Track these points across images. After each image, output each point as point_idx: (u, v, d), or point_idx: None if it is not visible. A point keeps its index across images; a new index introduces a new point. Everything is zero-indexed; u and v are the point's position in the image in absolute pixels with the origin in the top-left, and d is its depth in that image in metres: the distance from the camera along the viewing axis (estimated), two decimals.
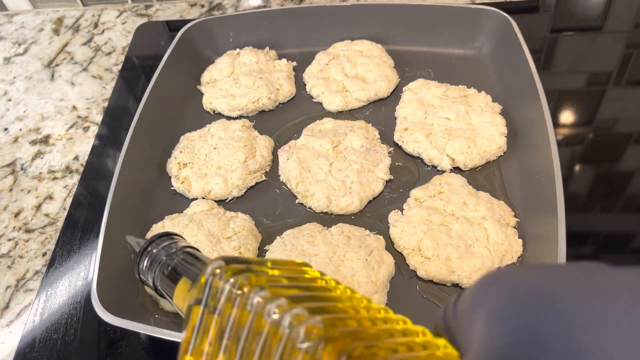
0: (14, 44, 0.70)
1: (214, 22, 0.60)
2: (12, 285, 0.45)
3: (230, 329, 0.23)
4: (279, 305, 0.21)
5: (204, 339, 0.25)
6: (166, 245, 0.31)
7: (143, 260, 0.31)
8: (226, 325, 0.23)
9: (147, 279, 0.31)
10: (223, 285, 0.24)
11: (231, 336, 0.23)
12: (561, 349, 0.13)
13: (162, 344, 0.39)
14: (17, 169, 0.55)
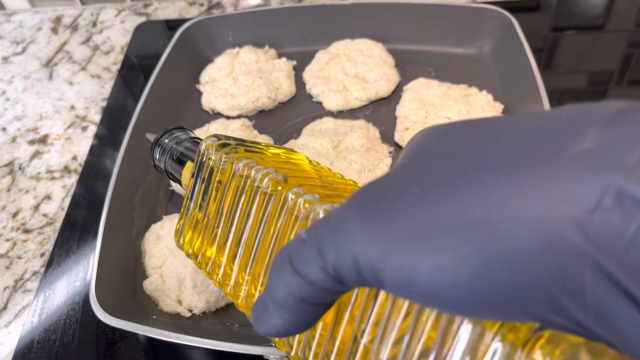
0: (12, 43, 0.69)
1: (213, 21, 0.59)
2: (10, 286, 0.45)
3: (216, 191, 0.27)
4: (252, 167, 0.26)
5: (196, 204, 0.29)
6: (176, 136, 0.36)
7: (157, 149, 0.36)
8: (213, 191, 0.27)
9: (160, 165, 0.36)
10: (214, 156, 0.28)
11: (218, 198, 0.27)
12: (460, 153, 0.15)
13: (161, 345, 0.39)
14: (15, 168, 0.54)
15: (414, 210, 0.14)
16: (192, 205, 0.29)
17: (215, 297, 0.38)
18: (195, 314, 0.39)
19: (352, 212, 0.15)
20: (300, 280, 0.16)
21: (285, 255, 0.17)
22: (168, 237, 0.42)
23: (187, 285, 0.39)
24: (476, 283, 0.13)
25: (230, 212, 0.26)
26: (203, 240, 0.28)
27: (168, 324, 0.38)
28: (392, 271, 0.14)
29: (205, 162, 0.29)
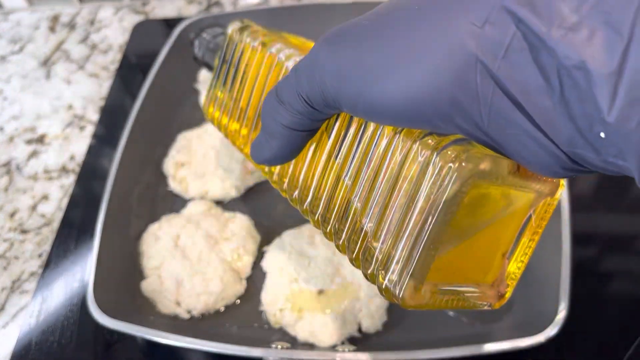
0: (9, 42, 0.69)
1: (212, 20, 0.59)
2: (7, 287, 0.44)
3: (239, 69, 0.31)
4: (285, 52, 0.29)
5: (218, 84, 0.33)
6: (211, 31, 0.41)
7: (195, 42, 0.41)
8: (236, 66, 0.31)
9: (199, 57, 0.42)
10: (239, 37, 0.32)
11: (240, 74, 0.31)
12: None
13: (159, 347, 0.38)
14: (13, 168, 0.54)
15: (365, 35, 0.17)
16: (216, 82, 0.34)
17: (214, 298, 0.38)
18: (193, 316, 0.38)
19: (319, 44, 0.19)
20: (284, 108, 0.20)
21: (273, 90, 0.21)
22: (166, 237, 0.41)
23: (185, 286, 0.38)
24: (403, 95, 0.16)
25: (251, 85, 0.30)
26: (226, 114, 0.33)
27: (166, 325, 0.38)
28: (347, 87, 0.17)
29: (229, 43, 0.33)
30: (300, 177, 0.24)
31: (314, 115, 0.20)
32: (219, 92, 0.33)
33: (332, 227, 0.22)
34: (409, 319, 0.37)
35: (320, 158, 0.23)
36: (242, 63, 0.31)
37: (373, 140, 0.20)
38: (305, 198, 0.24)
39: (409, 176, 0.18)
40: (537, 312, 0.35)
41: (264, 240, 0.43)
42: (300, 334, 0.36)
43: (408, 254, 0.18)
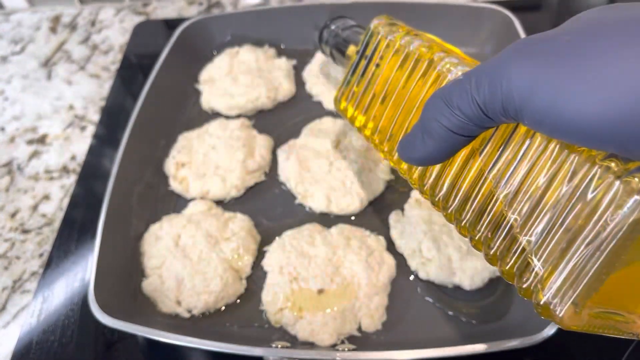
0: (10, 42, 0.69)
1: (213, 20, 0.59)
2: (8, 287, 0.44)
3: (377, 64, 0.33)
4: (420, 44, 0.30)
5: (354, 77, 0.35)
6: (341, 23, 0.43)
7: (324, 34, 0.44)
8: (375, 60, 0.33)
9: (326, 52, 0.44)
10: (383, 33, 0.33)
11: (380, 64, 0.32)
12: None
13: (160, 346, 0.38)
14: (14, 168, 0.54)
15: (565, 52, 0.17)
16: (352, 76, 0.35)
17: (215, 297, 0.38)
18: (194, 315, 0.39)
19: (507, 53, 0.19)
20: (451, 111, 0.20)
21: (439, 93, 0.21)
22: (167, 237, 0.41)
23: (186, 285, 0.39)
24: (600, 115, 0.16)
25: (396, 82, 0.31)
26: (360, 108, 0.34)
27: (167, 324, 0.38)
28: (537, 100, 0.17)
29: (372, 38, 0.34)
30: (446, 182, 0.25)
31: (483, 122, 0.20)
32: (355, 86, 0.35)
33: (481, 236, 0.23)
34: (409, 318, 0.38)
35: (472, 167, 0.23)
36: (385, 59, 0.32)
37: (540, 157, 0.20)
38: (449, 203, 0.25)
39: (583, 198, 0.18)
40: (535, 312, 0.35)
41: (264, 240, 0.43)
42: (300, 333, 0.36)
43: (576, 276, 0.18)
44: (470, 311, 0.37)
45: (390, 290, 0.39)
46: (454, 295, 0.38)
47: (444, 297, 0.38)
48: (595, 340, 0.37)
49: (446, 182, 0.25)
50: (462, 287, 0.38)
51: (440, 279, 0.38)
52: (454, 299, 0.38)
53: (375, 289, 0.37)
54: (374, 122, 0.33)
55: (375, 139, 0.32)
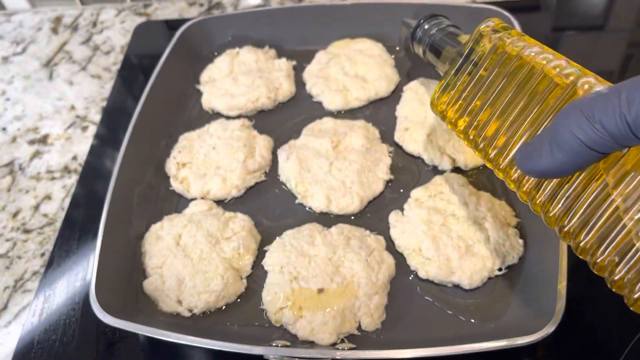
0: (12, 43, 0.69)
1: (213, 21, 0.59)
2: (10, 286, 0.45)
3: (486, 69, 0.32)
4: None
5: (457, 79, 0.34)
6: (436, 22, 0.42)
7: (417, 32, 0.43)
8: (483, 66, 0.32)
9: (418, 51, 0.44)
10: (494, 37, 0.32)
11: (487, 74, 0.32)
12: None
13: (161, 345, 0.39)
14: (15, 168, 0.54)
15: None
16: (454, 78, 0.35)
17: (215, 297, 0.38)
18: (195, 314, 0.39)
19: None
20: (591, 126, 0.19)
21: (578, 104, 0.20)
22: (168, 237, 0.42)
23: (187, 285, 0.39)
24: None
25: (506, 90, 0.30)
26: (460, 111, 0.34)
27: (168, 323, 0.38)
28: None
29: (480, 41, 0.33)
30: (562, 199, 0.24)
31: (627, 141, 0.19)
32: (457, 90, 0.34)
33: (605, 260, 0.23)
34: (408, 317, 0.38)
35: (597, 187, 0.23)
36: (493, 64, 0.31)
37: None
38: (566, 222, 0.24)
39: None
40: (534, 311, 0.35)
41: (265, 240, 0.43)
42: (301, 332, 0.36)
43: None
44: (469, 310, 0.38)
45: (389, 289, 0.39)
46: (453, 294, 0.39)
47: (443, 296, 0.39)
48: (593, 340, 0.37)
49: (562, 199, 0.24)
50: (461, 287, 0.39)
51: (440, 278, 0.39)
52: (453, 298, 0.38)
53: (375, 288, 0.38)
54: (477, 128, 0.32)
55: (478, 143, 0.32)
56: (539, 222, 0.41)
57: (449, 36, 0.40)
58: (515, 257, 0.39)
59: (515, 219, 0.42)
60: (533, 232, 0.40)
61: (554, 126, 0.21)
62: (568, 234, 0.24)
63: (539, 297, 0.36)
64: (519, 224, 0.42)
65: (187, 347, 0.37)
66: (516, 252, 0.39)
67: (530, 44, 0.30)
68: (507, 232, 0.40)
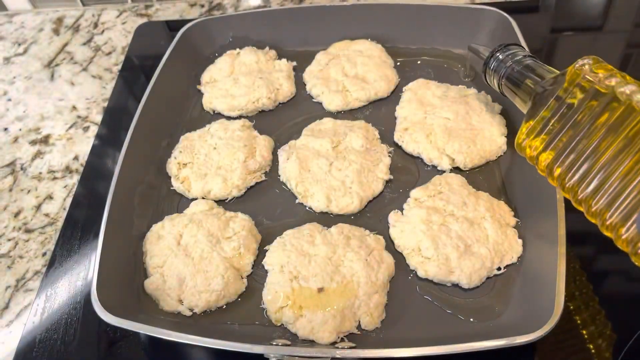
0: (13, 43, 0.70)
1: (214, 22, 0.59)
2: (12, 285, 0.45)
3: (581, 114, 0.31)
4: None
5: (546, 120, 0.33)
6: (511, 53, 0.41)
7: (491, 62, 0.42)
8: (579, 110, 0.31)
9: (491, 81, 0.43)
10: (594, 78, 0.31)
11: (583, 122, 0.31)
12: None
13: (162, 344, 0.39)
14: (17, 169, 0.54)
15: None
16: (547, 121, 0.33)
17: (216, 296, 0.39)
18: (196, 313, 0.39)
19: None
20: None
21: None
22: (169, 236, 0.42)
23: (188, 284, 0.39)
24: None
25: (609, 141, 0.29)
26: (551, 156, 0.33)
27: (169, 323, 0.38)
28: None
29: (575, 79, 0.32)
30: None
31: None
32: (546, 130, 0.33)
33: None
34: (407, 316, 0.38)
35: None
36: (592, 108, 0.30)
37: None
38: None
39: None
40: (533, 310, 0.35)
41: (265, 239, 0.43)
42: (301, 331, 0.36)
43: None
44: (468, 309, 0.38)
45: (389, 288, 0.39)
46: (453, 293, 0.39)
47: (442, 295, 0.39)
48: (591, 339, 0.37)
49: None
50: (461, 286, 0.39)
51: (439, 277, 0.39)
52: (453, 297, 0.39)
53: (375, 287, 0.38)
54: (574, 178, 0.32)
55: (577, 193, 0.32)
56: (537, 222, 0.41)
57: (528, 69, 0.39)
58: (514, 257, 0.40)
59: (514, 219, 0.42)
60: (532, 232, 0.41)
61: None
62: None
63: (537, 297, 0.36)
64: (517, 224, 0.42)
65: (188, 346, 0.38)
66: (515, 251, 0.40)
67: (629, 82, 0.30)
68: (506, 231, 0.40)
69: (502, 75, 0.42)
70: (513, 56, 0.41)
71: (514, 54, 0.41)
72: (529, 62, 0.40)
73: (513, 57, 0.41)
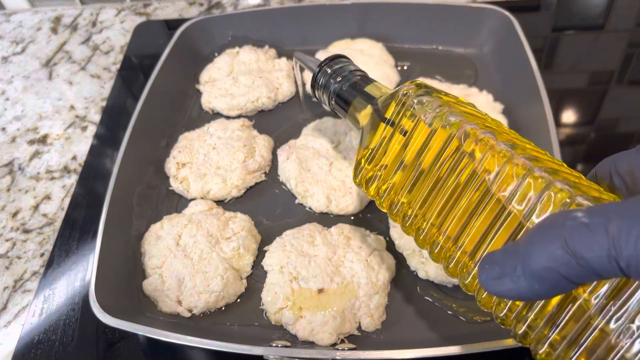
0: (11, 43, 0.69)
1: (213, 21, 0.59)
2: (9, 286, 0.45)
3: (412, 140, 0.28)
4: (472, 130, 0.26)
5: (383, 153, 0.30)
6: (339, 68, 0.36)
7: (320, 78, 0.37)
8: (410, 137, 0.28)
9: (321, 97, 0.38)
10: (414, 103, 0.28)
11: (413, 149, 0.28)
12: None
13: (161, 346, 0.39)
14: (15, 168, 0.54)
15: None
16: (378, 149, 0.30)
17: (215, 297, 0.38)
18: (195, 314, 0.39)
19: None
20: (573, 261, 0.17)
21: (557, 233, 0.18)
22: (168, 237, 0.42)
23: (186, 285, 0.39)
24: None
25: (436, 175, 0.27)
26: (382, 186, 0.30)
27: (168, 324, 0.38)
28: None
29: (403, 105, 0.29)
30: (541, 322, 0.22)
31: (616, 275, 0.17)
32: (372, 163, 0.30)
33: None
34: (408, 318, 0.38)
35: (577, 310, 0.21)
36: (420, 138, 0.27)
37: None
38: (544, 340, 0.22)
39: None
40: None
41: (265, 240, 0.43)
42: (301, 332, 0.36)
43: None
44: (469, 310, 0.38)
45: (389, 289, 0.39)
46: (454, 294, 0.39)
47: (443, 296, 0.39)
48: None
49: (542, 323, 0.22)
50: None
51: (440, 278, 0.38)
52: (454, 298, 0.38)
53: (375, 288, 0.37)
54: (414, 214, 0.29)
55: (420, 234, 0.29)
56: None
57: (359, 85, 0.35)
58: None
59: None
60: None
61: (526, 252, 0.18)
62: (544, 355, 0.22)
63: None
64: None
65: (187, 347, 0.37)
66: None
67: (464, 113, 0.27)
68: None
69: (330, 94, 0.37)
70: (341, 71, 0.36)
71: (341, 68, 0.37)
72: (358, 79, 0.35)
73: (341, 72, 0.36)
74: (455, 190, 0.26)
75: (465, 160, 0.26)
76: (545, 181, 0.22)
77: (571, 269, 0.17)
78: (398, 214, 0.30)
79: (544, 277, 0.18)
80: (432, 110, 0.28)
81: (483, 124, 0.27)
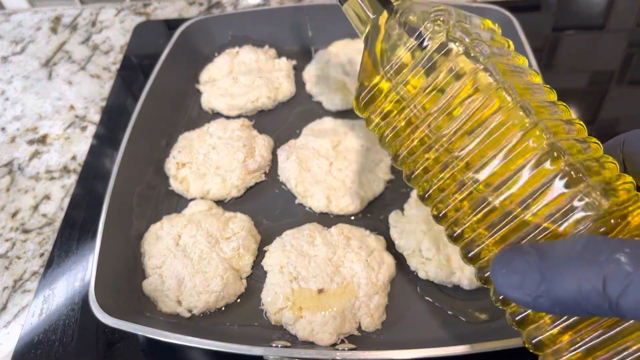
0: (11, 42, 0.69)
1: (213, 21, 0.59)
2: (9, 286, 0.44)
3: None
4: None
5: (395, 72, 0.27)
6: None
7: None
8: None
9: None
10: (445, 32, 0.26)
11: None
12: None
13: (161, 346, 0.39)
14: (15, 168, 0.54)
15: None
16: (388, 70, 0.27)
17: (215, 297, 0.38)
18: (194, 314, 0.39)
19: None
20: (605, 305, 0.17)
21: (596, 272, 0.17)
22: (168, 237, 0.42)
23: (186, 285, 0.39)
24: None
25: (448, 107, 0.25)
26: (392, 113, 0.27)
27: (167, 324, 0.38)
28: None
29: (426, 29, 0.26)
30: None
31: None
32: (393, 88, 0.27)
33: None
34: (408, 318, 0.38)
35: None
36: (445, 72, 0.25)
37: None
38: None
39: None
40: None
41: (265, 240, 0.43)
42: (301, 332, 0.36)
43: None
44: (469, 310, 0.38)
45: (389, 289, 0.39)
46: (454, 294, 0.39)
47: (443, 296, 0.39)
48: None
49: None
50: (462, 287, 0.38)
51: (440, 278, 0.38)
52: (454, 298, 0.38)
53: (375, 288, 0.37)
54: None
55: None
56: None
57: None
58: None
59: None
60: None
61: (553, 277, 0.18)
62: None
63: None
64: None
65: (186, 347, 0.37)
66: None
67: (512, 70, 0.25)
68: None
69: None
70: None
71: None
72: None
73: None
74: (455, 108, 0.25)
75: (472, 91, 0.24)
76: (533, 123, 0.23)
77: (600, 310, 0.18)
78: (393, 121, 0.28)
79: (568, 306, 0.18)
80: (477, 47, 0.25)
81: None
